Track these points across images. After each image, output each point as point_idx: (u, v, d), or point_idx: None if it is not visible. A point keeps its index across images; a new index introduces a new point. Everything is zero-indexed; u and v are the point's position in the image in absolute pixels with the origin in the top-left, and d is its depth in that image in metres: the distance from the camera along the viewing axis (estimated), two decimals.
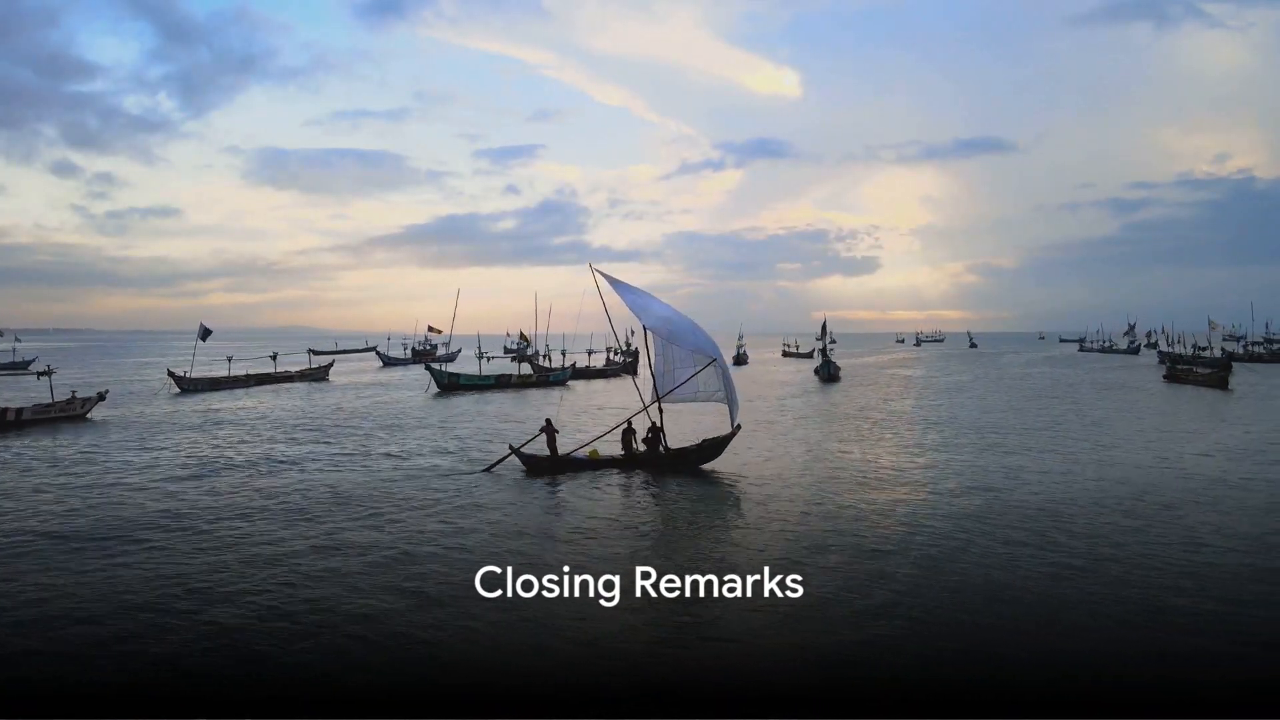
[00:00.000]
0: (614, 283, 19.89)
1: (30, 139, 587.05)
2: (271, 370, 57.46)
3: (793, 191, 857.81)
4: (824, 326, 73.30)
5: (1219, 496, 17.27)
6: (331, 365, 63.88)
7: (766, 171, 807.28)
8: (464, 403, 40.47)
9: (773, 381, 58.90)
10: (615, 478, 19.06)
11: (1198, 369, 56.33)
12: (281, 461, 23.08)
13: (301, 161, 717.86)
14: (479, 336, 63.79)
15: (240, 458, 23.87)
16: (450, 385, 47.53)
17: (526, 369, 55.14)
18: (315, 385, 54.90)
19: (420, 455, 23.70)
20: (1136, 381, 55.20)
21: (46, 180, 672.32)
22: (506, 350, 68.14)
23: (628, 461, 19.65)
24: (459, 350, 78.93)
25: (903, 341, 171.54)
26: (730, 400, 19.67)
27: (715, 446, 19.67)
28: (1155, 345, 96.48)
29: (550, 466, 19.31)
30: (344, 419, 33.71)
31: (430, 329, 64.12)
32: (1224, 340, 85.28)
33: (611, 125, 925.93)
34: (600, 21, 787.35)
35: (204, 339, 53.06)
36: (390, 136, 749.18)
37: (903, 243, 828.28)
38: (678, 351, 19.50)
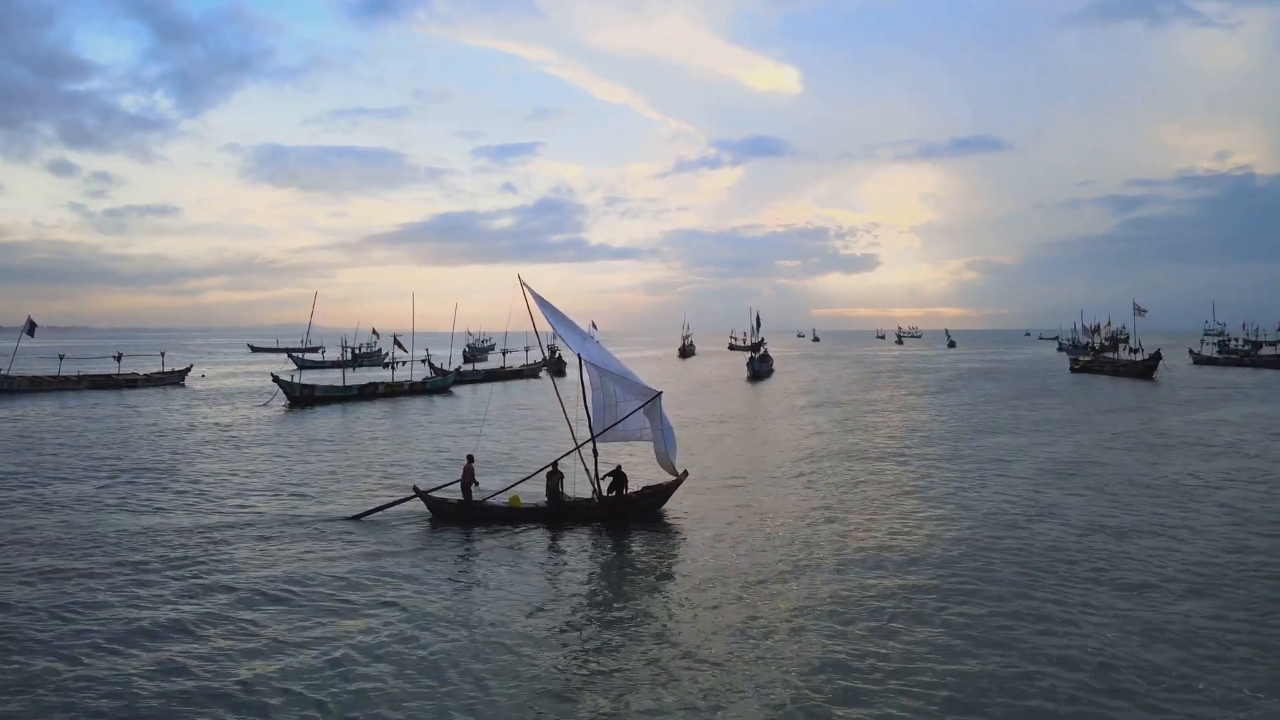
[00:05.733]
0: (542, 304, 17.27)
1: (28, 137, 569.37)
2: (112, 372, 49.22)
3: (792, 189, 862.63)
4: (757, 321, 69.00)
5: None
6: (189, 369, 54.28)
7: (765, 169, 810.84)
8: (315, 421, 31.68)
9: (703, 381, 53.58)
10: (539, 535, 14.86)
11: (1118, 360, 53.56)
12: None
13: (300, 159, 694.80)
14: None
15: None
16: (304, 398, 39.32)
17: (403, 375, 46.51)
18: (162, 390, 46.08)
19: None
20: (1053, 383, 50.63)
21: (44, 178, 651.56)
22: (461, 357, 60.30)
23: (555, 512, 15.93)
24: (386, 352, 71.21)
25: (883, 338, 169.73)
26: (668, 444, 16.68)
27: (658, 495, 16.52)
28: (1058, 342, 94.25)
29: (460, 514, 15.74)
30: (138, 437, 25.70)
31: (373, 331, 58.65)
32: (1203, 337, 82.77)
33: (611, 122, 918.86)
34: (599, 19, 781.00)
35: (30, 334, 45.99)
36: (389, 134, 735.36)
37: (902, 240, 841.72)
38: (619, 384, 16.86)
